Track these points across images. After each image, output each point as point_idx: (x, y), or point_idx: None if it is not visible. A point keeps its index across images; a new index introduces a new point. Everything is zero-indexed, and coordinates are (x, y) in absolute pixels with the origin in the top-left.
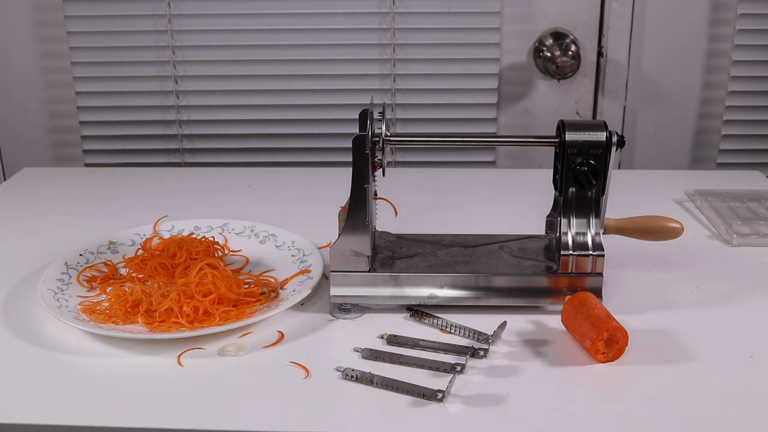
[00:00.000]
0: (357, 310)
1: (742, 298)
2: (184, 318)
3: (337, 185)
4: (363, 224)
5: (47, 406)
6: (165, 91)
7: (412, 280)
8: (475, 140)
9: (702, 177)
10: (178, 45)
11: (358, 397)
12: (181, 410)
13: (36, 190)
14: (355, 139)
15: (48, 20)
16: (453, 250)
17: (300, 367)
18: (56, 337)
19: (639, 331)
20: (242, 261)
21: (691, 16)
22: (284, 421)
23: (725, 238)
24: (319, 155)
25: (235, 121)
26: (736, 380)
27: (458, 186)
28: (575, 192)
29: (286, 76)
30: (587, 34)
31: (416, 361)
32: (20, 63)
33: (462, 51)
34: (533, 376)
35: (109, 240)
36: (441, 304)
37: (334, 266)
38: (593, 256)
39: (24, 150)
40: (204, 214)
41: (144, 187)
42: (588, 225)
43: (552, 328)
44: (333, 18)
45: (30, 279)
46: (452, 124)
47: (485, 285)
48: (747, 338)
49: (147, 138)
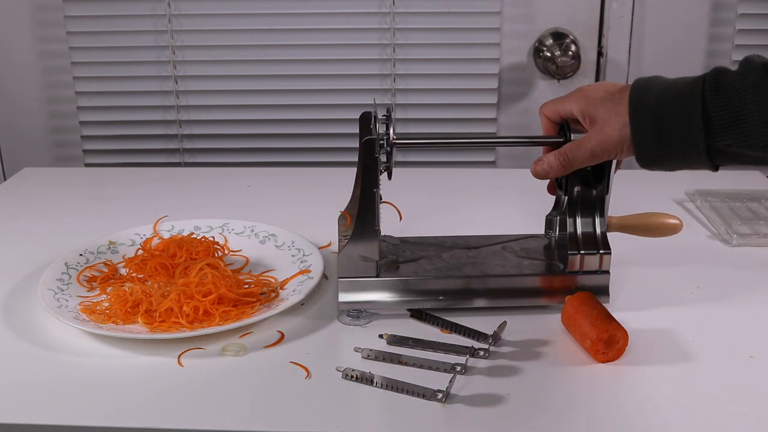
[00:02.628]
0: (365, 316)
1: (742, 298)
2: (184, 318)
3: (337, 185)
4: (372, 229)
5: (47, 406)
6: (165, 91)
7: (421, 283)
8: (477, 141)
9: (702, 177)
10: (178, 45)
11: (358, 397)
12: (181, 410)
13: (36, 190)
14: (364, 143)
15: (48, 20)
16: (457, 252)
17: (300, 367)
18: (56, 337)
19: (639, 331)
20: (242, 261)
21: (691, 16)
22: (284, 421)
23: (725, 238)
24: (319, 155)
25: (235, 121)
26: (736, 380)
27: (458, 186)
28: (580, 191)
29: (286, 76)
30: (587, 34)
31: (416, 361)
32: (20, 63)
33: (462, 51)
34: (533, 376)
35: (109, 240)
36: (450, 307)
37: (343, 273)
38: (600, 254)
39: (24, 150)
40: (204, 214)
41: (144, 187)
42: (593, 223)
43: (552, 328)
44: (333, 18)
45: (30, 279)
46: (452, 124)
47: (495, 287)
48: (747, 338)
49: (147, 138)
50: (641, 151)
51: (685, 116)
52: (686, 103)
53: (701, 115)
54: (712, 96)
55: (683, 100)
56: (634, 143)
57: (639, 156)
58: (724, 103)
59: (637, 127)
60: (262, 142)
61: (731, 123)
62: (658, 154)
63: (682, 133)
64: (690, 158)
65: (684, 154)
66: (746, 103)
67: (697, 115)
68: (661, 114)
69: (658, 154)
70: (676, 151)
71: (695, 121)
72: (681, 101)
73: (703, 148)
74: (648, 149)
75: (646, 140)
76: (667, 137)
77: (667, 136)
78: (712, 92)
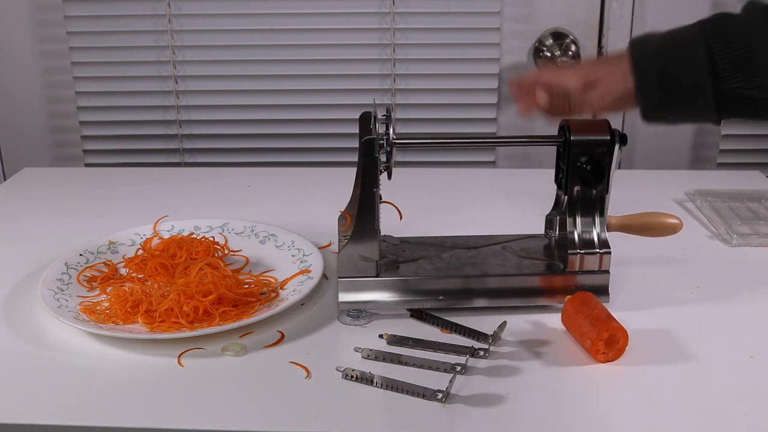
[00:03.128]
0: (365, 316)
1: (742, 298)
2: (184, 318)
3: (337, 185)
4: (372, 229)
5: (47, 406)
6: (165, 91)
7: (421, 283)
8: (477, 141)
9: (702, 177)
10: (178, 45)
11: (358, 397)
12: (181, 410)
13: (36, 190)
14: (364, 143)
15: (48, 20)
16: (457, 252)
17: (300, 367)
18: (56, 337)
19: (639, 331)
20: (242, 261)
21: (691, 16)
22: (284, 421)
23: (725, 238)
24: (320, 155)
25: (235, 121)
26: (736, 380)
27: (458, 186)
28: (580, 191)
29: (285, 76)
30: (587, 34)
31: (416, 361)
32: (20, 63)
33: (462, 51)
34: (533, 376)
35: (109, 240)
36: (450, 307)
37: (342, 273)
38: (600, 254)
39: (24, 150)
40: (204, 214)
41: (144, 187)
42: (593, 223)
43: (552, 328)
44: (333, 18)
45: (30, 279)
46: (452, 124)
47: (495, 286)
48: (747, 338)
49: (147, 138)
50: (646, 101)
51: (689, 61)
52: (690, 48)
53: (707, 59)
54: (716, 39)
55: (686, 45)
56: (638, 93)
57: (643, 106)
58: (728, 44)
59: (640, 76)
60: (262, 142)
61: (737, 65)
62: (664, 102)
63: (688, 78)
64: (696, 105)
65: (690, 101)
66: (751, 44)
67: (702, 59)
68: (664, 62)
69: (663, 103)
70: (682, 99)
71: (701, 66)
72: (684, 47)
73: (711, 92)
74: (653, 98)
75: (650, 89)
76: (672, 84)
77: (673, 83)
78: (716, 35)
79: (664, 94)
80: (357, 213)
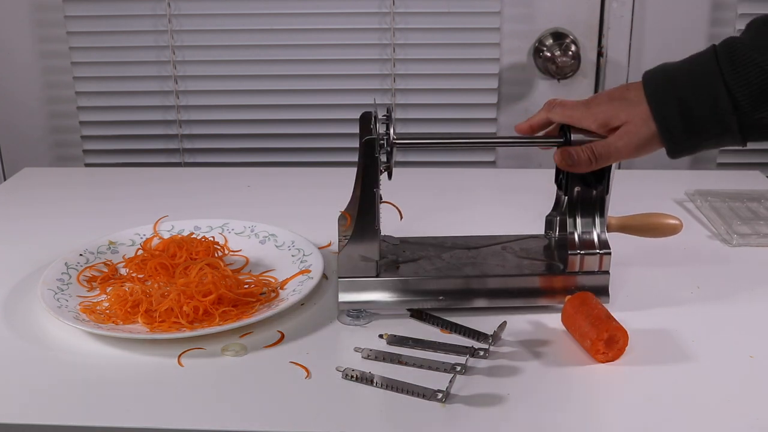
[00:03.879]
0: (365, 316)
1: (742, 298)
2: (184, 318)
3: (337, 185)
4: (372, 229)
5: (47, 406)
6: (165, 91)
7: (421, 283)
8: (477, 141)
9: (702, 177)
10: (178, 45)
11: (358, 397)
12: (181, 410)
13: (36, 190)
14: (364, 143)
15: (48, 20)
16: (457, 252)
17: (300, 367)
18: (56, 337)
19: (639, 331)
20: (242, 261)
21: (691, 16)
22: (284, 421)
23: (725, 238)
24: (319, 155)
25: (235, 121)
26: (736, 380)
27: (458, 186)
28: (580, 191)
29: (285, 76)
30: (587, 34)
31: (416, 361)
32: (20, 63)
33: (462, 51)
34: (533, 376)
35: (109, 240)
36: (450, 307)
37: (342, 273)
38: (600, 254)
39: (24, 150)
40: (204, 214)
41: (144, 187)
42: (593, 224)
43: (552, 328)
44: (333, 18)
45: (30, 279)
46: (452, 124)
47: (495, 287)
48: (747, 338)
49: (147, 138)
50: (672, 145)
51: (711, 101)
52: (708, 87)
53: (728, 98)
54: (731, 75)
55: (704, 84)
56: (663, 137)
57: (670, 149)
58: (746, 80)
59: (664, 124)
60: (262, 142)
61: (759, 98)
62: (691, 144)
63: (712, 118)
64: (722, 140)
65: (718, 138)
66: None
67: (723, 98)
68: (685, 105)
69: (690, 145)
70: (709, 138)
71: (723, 105)
72: (702, 87)
73: (737, 128)
74: (679, 142)
75: (675, 133)
76: (697, 129)
77: (697, 125)
78: (731, 71)
79: (690, 137)
80: (357, 213)
